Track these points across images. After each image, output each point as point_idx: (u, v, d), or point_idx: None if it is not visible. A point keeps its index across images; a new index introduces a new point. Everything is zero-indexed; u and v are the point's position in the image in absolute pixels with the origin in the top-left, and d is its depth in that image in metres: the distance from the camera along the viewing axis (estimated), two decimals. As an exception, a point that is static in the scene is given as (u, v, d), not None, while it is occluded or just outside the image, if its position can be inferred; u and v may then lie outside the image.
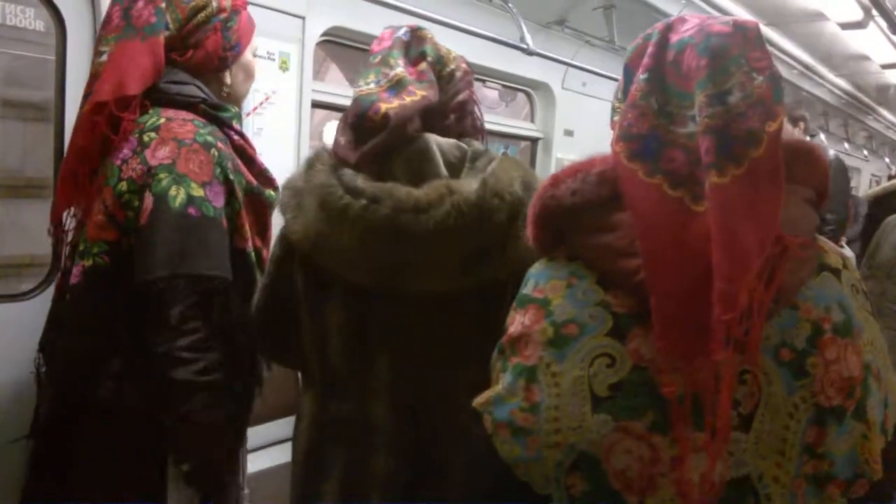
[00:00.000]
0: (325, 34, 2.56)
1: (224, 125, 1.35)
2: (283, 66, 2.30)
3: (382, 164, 1.12)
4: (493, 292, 1.10)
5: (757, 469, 0.82)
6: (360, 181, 1.09)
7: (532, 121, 3.96)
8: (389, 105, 1.09)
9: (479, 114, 1.26)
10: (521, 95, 3.77)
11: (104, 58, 1.29)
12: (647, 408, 0.83)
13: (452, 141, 1.16)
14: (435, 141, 1.13)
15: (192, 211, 1.22)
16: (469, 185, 1.09)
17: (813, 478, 0.83)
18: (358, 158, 1.11)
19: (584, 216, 0.89)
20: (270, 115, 2.26)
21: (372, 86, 1.13)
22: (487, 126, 3.96)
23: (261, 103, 2.24)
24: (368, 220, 1.06)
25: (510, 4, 2.98)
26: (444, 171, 1.12)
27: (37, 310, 1.85)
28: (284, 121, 2.37)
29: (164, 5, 1.31)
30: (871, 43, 4.45)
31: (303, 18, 2.34)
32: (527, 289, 0.95)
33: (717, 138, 0.78)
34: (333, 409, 1.22)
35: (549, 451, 0.87)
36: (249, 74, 1.49)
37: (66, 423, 1.29)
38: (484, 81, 3.55)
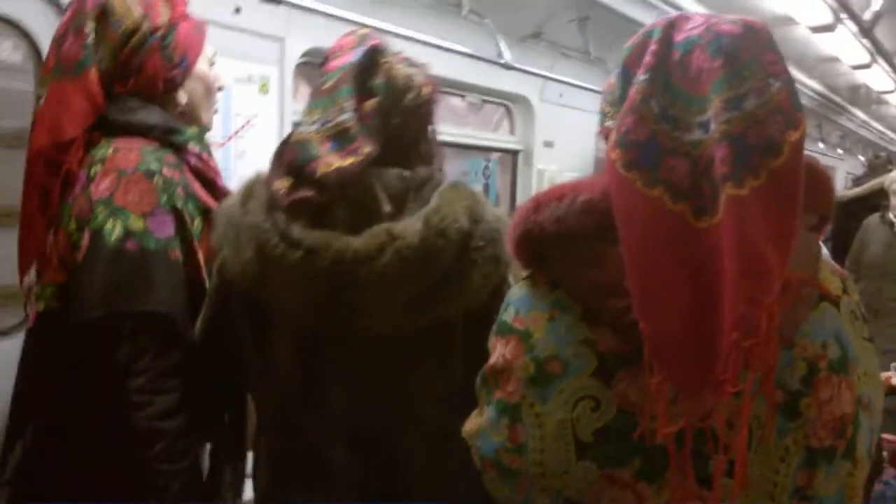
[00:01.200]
0: (304, 55, 2.57)
1: (180, 148, 1.28)
2: (263, 89, 2.31)
3: (320, 207, 1.06)
4: (442, 331, 1.07)
5: None
6: (297, 230, 1.02)
7: (512, 133, 3.99)
8: (328, 168, 1.02)
9: (435, 141, 1.19)
10: (488, 105, 3.79)
11: (41, 101, 1.24)
12: (633, 454, 0.78)
13: (395, 171, 1.09)
14: (377, 177, 1.07)
15: (130, 245, 1.15)
16: (412, 225, 1.02)
17: None
18: (289, 206, 1.04)
19: (568, 246, 0.82)
20: (252, 138, 2.27)
21: (314, 128, 1.05)
22: (466, 140, 3.98)
23: (242, 127, 2.24)
24: (306, 272, 1.01)
25: (486, 20, 3.01)
26: (386, 207, 1.06)
27: (16, 348, 1.82)
28: (266, 143, 2.37)
29: (91, 39, 1.22)
30: (841, 45, 4.54)
31: (282, 40, 2.35)
32: (507, 315, 0.89)
33: (734, 146, 0.70)
34: (290, 449, 1.18)
35: (538, 496, 0.83)
36: (209, 86, 1.39)
37: (40, 469, 1.24)
38: (463, 96, 3.57)
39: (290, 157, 1.07)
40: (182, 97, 1.34)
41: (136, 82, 1.27)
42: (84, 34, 1.22)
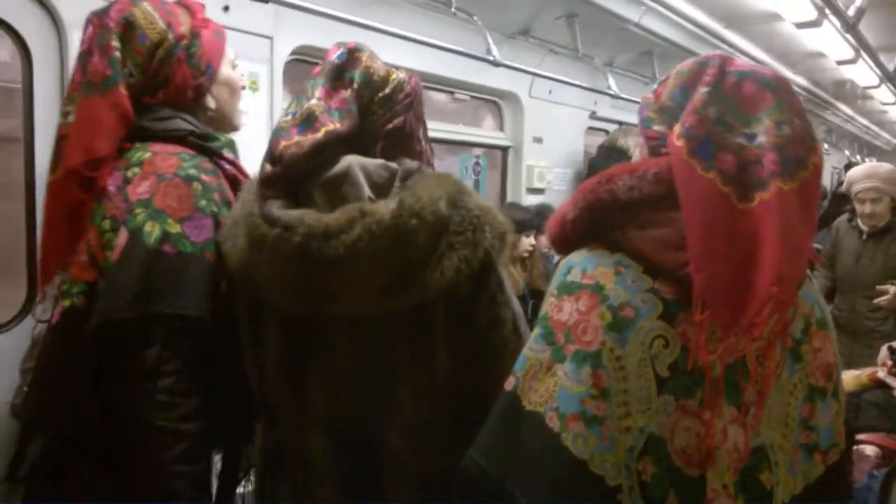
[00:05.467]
0: (293, 53, 2.57)
1: (214, 155, 1.30)
2: (253, 87, 2.31)
3: (301, 191, 1.10)
4: (421, 315, 1.07)
5: (769, 439, 0.94)
6: (275, 209, 1.06)
7: (501, 130, 4.00)
8: (288, 143, 1.07)
9: (421, 137, 1.21)
10: (468, 99, 3.80)
11: (70, 118, 1.25)
12: (695, 386, 0.91)
13: (379, 161, 1.11)
14: (358, 163, 1.09)
15: (167, 248, 1.16)
16: (387, 206, 1.04)
17: (805, 447, 0.98)
18: (264, 188, 1.09)
19: (635, 211, 0.96)
20: (242, 136, 2.26)
21: (289, 117, 1.11)
22: (457, 137, 3.98)
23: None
24: (282, 248, 1.03)
25: (475, 17, 3.02)
26: (367, 192, 1.08)
27: (11, 343, 1.83)
28: (256, 141, 2.36)
29: (118, 54, 1.24)
30: (826, 41, 4.57)
31: (270, 39, 2.35)
32: (572, 276, 0.98)
33: (781, 155, 0.91)
34: (274, 438, 1.20)
35: (622, 437, 0.90)
36: (234, 89, 1.42)
37: (59, 466, 1.25)
38: (452, 93, 3.58)
39: (268, 146, 1.11)
40: (210, 102, 1.36)
41: (166, 94, 1.29)
42: (110, 49, 1.24)
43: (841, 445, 1.01)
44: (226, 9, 2.16)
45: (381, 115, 1.14)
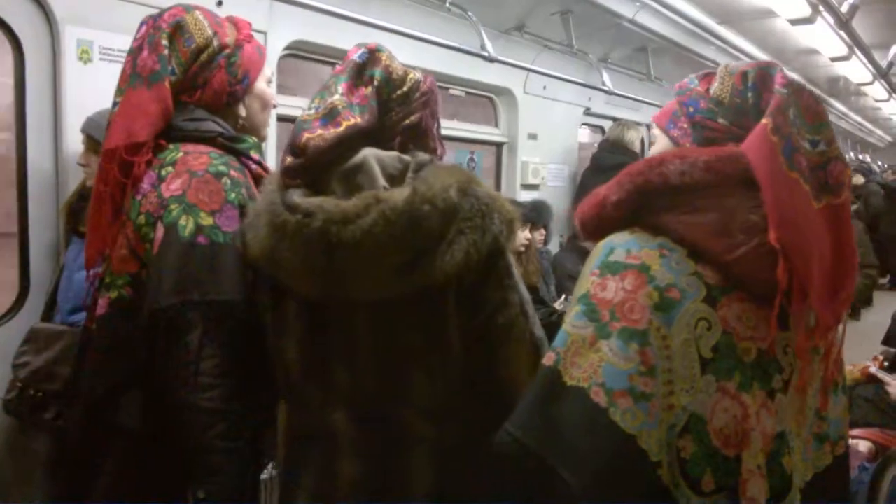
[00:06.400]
0: (287, 48, 2.56)
1: (242, 155, 1.39)
2: (247, 82, 2.30)
3: (321, 181, 1.16)
4: (432, 298, 1.12)
5: (788, 426, 0.98)
6: (296, 197, 1.13)
7: (496, 125, 4.01)
8: (311, 136, 1.14)
9: (435, 133, 1.28)
10: (463, 95, 3.80)
11: (116, 108, 1.35)
12: (734, 369, 0.95)
13: (394, 153, 1.17)
14: (374, 155, 1.15)
15: (201, 240, 1.24)
16: (401, 193, 1.10)
17: (817, 436, 1.02)
18: (286, 178, 1.16)
19: (684, 196, 0.98)
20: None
21: (311, 111, 1.17)
22: (452, 133, 3.98)
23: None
24: (303, 234, 1.09)
25: (469, 13, 3.02)
26: (381, 182, 1.13)
27: (3, 338, 1.82)
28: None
29: (166, 52, 1.34)
30: (820, 37, 4.58)
31: (264, 34, 2.34)
32: (616, 256, 1.00)
33: (841, 167, 0.99)
34: (297, 420, 1.26)
35: (665, 415, 0.93)
36: (266, 103, 1.52)
37: (95, 448, 1.33)
38: (447, 89, 3.58)
39: (290, 135, 1.17)
40: (242, 111, 1.46)
41: (202, 95, 1.39)
42: (160, 48, 1.34)
43: (847, 438, 1.06)
44: (219, 3, 2.16)
45: (399, 111, 1.21)
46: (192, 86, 1.38)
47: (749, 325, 0.95)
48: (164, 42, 1.34)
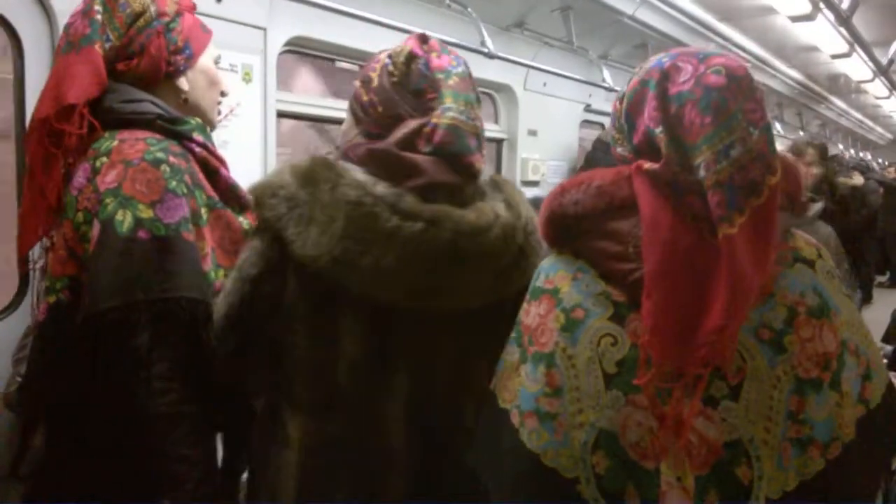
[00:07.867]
0: (287, 44, 2.56)
1: (184, 138, 1.29)
2: (247, 78, 2.30)
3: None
4: (500, 311, 1.14)
5: (748, 433, 0.92)
6: (410, 202, 1.06)
7: (496, 122, 4.00)
8: (476, 160, 1.15)
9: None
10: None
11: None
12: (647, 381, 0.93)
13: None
14: None
15: (141, 234, 1.15)
16: (500, 207, 1.15)
17: (796, 441, 0.94)
18: (411, 180, 1.08)
19: (584, 223, 1.00)
20: (235, 127, 2.26)
21: (461, 117, 1.15)
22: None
23: (225, 115, 2.23)
24: (427, 243, 1.05)
25: (469, 9, 3.01)
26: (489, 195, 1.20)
27: (2, 333, 1.82)
28: (250, 132, 2.37)
29: (99, 17, 1.27)
30: (820, 34, 4.58)
31: (264, 30, 2.34)
32: (538, 281, 1.05)
33: (726, 191, 0.87)
34: (333, 432, 1.16)
35: (575, 432, 0.95)
36: (213, 81, 1.41)
37: (59, 463, 1.25)
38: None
39: (443, 138, 1.11)
40: (184, 84, 1.36)
41: (139, 63, 1.30)
42: (92, 13, 1.28)
43: (843, 439, 0.95)
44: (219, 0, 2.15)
45: None
46: (127, 53, 1.29)
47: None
48: (98, 7, 1.28)
